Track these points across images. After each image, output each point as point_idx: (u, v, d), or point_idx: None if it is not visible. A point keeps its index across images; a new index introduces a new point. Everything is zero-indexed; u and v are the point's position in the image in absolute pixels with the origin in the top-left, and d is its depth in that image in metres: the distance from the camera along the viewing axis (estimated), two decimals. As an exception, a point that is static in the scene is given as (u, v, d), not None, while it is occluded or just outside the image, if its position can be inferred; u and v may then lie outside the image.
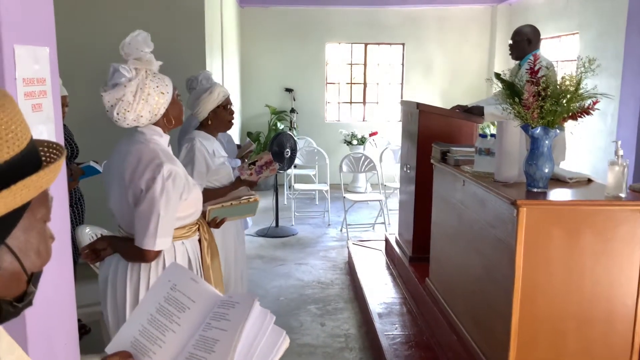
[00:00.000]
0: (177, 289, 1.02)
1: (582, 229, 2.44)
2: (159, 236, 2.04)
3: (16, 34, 1.55)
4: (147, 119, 2.08)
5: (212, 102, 3.15)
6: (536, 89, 2.42)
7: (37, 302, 1.65)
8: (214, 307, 1.00)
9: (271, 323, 0.98)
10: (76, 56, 4.92)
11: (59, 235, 1.87)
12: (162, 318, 0.99)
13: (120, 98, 1.99)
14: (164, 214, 2.03)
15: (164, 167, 2.03)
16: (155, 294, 1.03)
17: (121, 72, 1.99)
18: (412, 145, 4.40)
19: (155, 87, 2.05)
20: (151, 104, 2.05)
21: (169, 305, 1.01)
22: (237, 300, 0.99)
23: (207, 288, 1.04)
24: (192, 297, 1.01)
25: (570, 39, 7.12)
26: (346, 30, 9.19)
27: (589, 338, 2.52)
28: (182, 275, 1.05)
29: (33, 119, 1.62)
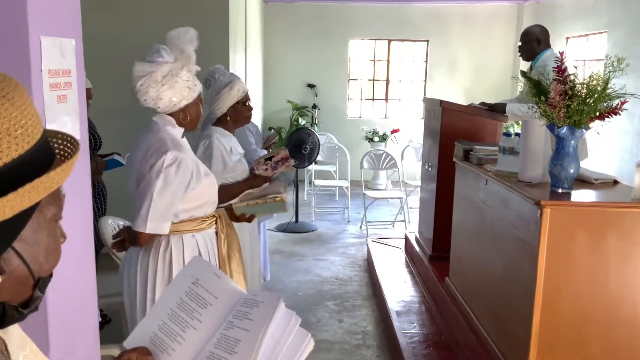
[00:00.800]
0: (199, 284, 0.99)
1: (607, 231, 2.40)
2: (150, 220, 2.06)
3: (43, 26, 1.56)
4: (165, 104, 2.14)
5: (232, 98, 3.12)
6: (563, 88, 2.38)
7: (59, 292, 1.67)
8: (237, 304, 0.96)
9: (297, 325, 0.95)
10: (101, 49, 4.96)
11: (82, 226, 1.89)
12: (182, 314, 0.96)
13: (149, 72, 2.06)
14: (158, 197, 2.06)
15: (168, 153, 2.08)
16: (176, 288, 0.99)
17: (161, 52, 2.09)
18: (434, 143, 4.36)
19: (185, 79, 2.14)
20: (175, 92, 2.12)
21: (191, 301, 0.98)
22: (261, 299, 0.96)
23: (230, 284, 1.00)
24: (215, 293, 0.98)
25: (598, 38, 7.00)
26: (370, 26, 9.14)
27: (612, 342, 2.48)
28: (205, 269, 1.01)
29: (58, 110, 1.64)
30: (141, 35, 4.89)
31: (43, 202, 0.75)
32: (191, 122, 2.27)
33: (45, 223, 0.77)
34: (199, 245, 2.27)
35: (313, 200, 7.29)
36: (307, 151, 6.03)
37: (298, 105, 9.16)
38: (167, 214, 2.12)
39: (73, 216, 1.80)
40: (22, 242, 0.74)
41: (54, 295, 1.64)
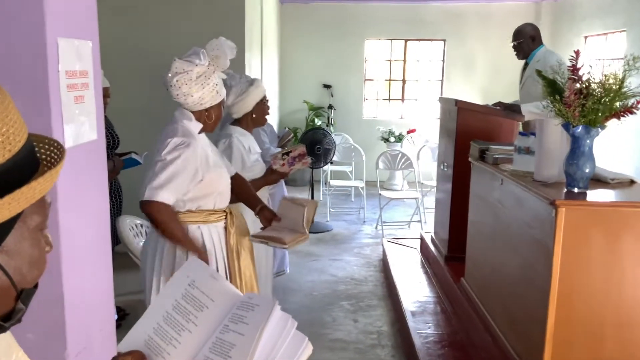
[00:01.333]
0: (195, 286, 0.96)
1: (623, 232, 2.37)
2: (148, 187, 2.17)
3: (60, 27, 1.59)
4: (193, 101, 2.28)
5: (259, 94, 3.22)
6: (578, 87, 2.36)
7: (76, 288, 1.70)
8: (233, 307, 0.94)
9: (293, 329, 0.93)
10: (119, 49, 5.02)
11: (99, 224, 1.92)
12: (178, 316, 0.94)
13: (186, 70, 2.21)
14: (161, 168, 2.18)
15: (175, 137, 2.23)
16: (172, 290, 0.97)
17: (200, 54, 2.25)
18: (450, 143, 4.35)
19: (215, 83, 2.30)
20: (204, 92, 2.26)
21: (187, 303, 0.95)
22: (257, 302, 0.94)
23: (227, 287, 0.98)
24: (211, 296, 0.95)
25: (617, 37, 6.92)
26: (386, 26, 9.13)
27: (628, 343, 2.45)
28: (202, 271, 0.99)
29: (75, 111, 1.67)
30: (158, 36, 4.95)
31: (26, 211, 0.72)
32: (211, 124, 2.40)
33: (29, 233, 0.74)
34: (203, 237, 2.34)
35: (329, 201, 7.30)
36: (320, 151, 6.03)
37: (314, 105, 9.18)
38: (168, 186, 2.20)
39: (90, 214, 1.83)
40: (4, 253, 0.71)
41: (71, 292, 1.67)
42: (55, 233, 1.60)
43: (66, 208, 1.63)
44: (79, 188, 1.73)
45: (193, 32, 2.36)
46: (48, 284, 1.63)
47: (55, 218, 1.59)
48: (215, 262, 2.38)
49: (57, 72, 1.58)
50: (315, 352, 3.46)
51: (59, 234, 1.60)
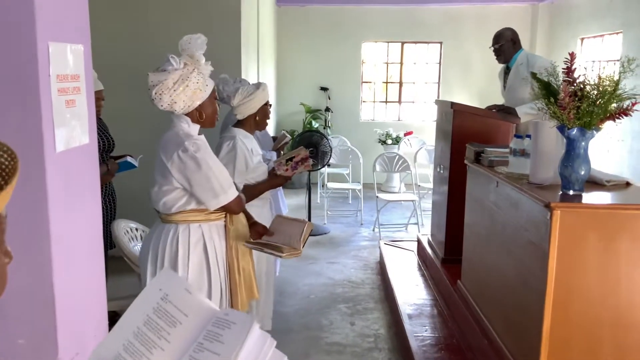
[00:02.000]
0: (168, 300, 0.91)
1: (618, 234, 2.37)
2: (228, 187, 2.32)
3: (51, 32, 1.58)
4: (180, 107, 2.29)
5: (263, 98, 3.29)
6: (572, 89, 2.36)
7: (67, 294, 1.69)
8: (208, 324, 0.89)
9: (271, 349, 0.88)
10: (115, 53, 5.02)
11: (91, 228, 1.91)
12: (149, 332, 0.88)
13: (161, 81, 2.22)
14: (215, 170, 2.29)
15: (185, 143, 2.26)
16: (143, 304, 0.91)
17: (170, 60, 2.24)
18: (446, 145, 4.35)
19: (195, 82, 2.28)
20: (187, 95, 2.27)
21: (159, 319, 0.89)
22: (233, 320, 0.88)
23: (202, 301, 0.93)
24: (185, 311, 0.90)
25: (613, 39, 6.92)
26: (383, 28, 9.13)
27: (624, 345, 2.44)
28: (175, 284, 0.93)
29: (66, 115, 1.66)
30: (154, 40, 4.95)
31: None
32: (207, 119, 2.41)
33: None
34: (204, 235, 2.39)
35: (326, 203, 7.29)
36: (314, 154, 6.01)
37: (311, 108, 9.18)
38: (230, 181, 2.37)
39: (82, 219, 1.82)
40: None
41: (62, 297, 1.66)
42: (45, 238, 1.59)
43: (57, 213, 1.62)
44: (71, 192, 1.72)
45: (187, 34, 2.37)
46: (39, 289, 1.62)
47: (45, 223, 1.58)
48: (216, 260, 2.41)
49: (48, 76, 1.57)
50: (312, 356, 3.46)
51: (50, 239, 1.59)
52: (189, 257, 2.34)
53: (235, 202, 2.37)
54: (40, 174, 1.57)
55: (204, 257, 2.39)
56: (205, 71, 2.35)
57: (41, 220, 1.58)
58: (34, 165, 1.56)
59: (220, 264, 2.43)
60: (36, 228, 1.58)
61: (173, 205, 2.34)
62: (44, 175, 1.57)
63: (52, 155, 1.59)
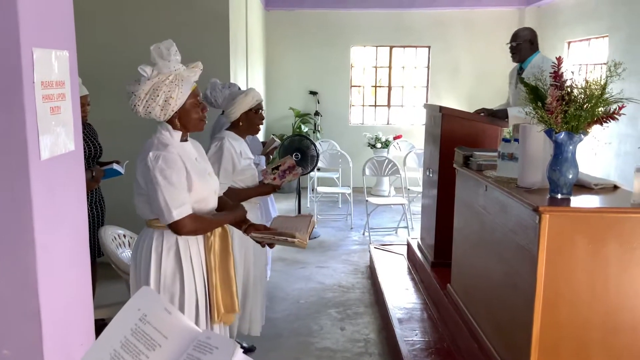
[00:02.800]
0: (147, 321, 0.87)
1: (606, 237, 2.38)
2: (173, 207, 2.20)
3: (35, 37, 1.56)
4: (157, 115, 2.27)
5: (246, 104, 3.30)
6: (560, 93, 2.37)
7: (53, 303, 1.67)
8: (189, 347, 0.85)
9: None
10: (103, 59, 4.99)
11: (77, 235, 1.89)
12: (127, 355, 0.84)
13: (133, 92, 2.22)
14: (167, 188, 2.20)
15: (150, 153, 2.23)
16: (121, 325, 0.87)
17: (140, 71, 2.22)
18: (435, 149, 4.36)
19: (166, 91, 2.23)
20: (160, 104, 2.23)
21: (137, 340, 0.85)
22: (215, 344, 0.85)
23: (182, 322, 0.89)
24: (164, 332, 0.86)
25: (599, 42, 6.98)
26: (371, 33, 9.15)
27: (614, 348, 2.45)
28: (154, 304, 0.89)
29: (51, 122, 1.64)
30: (142, 45, 4.90)
31: None
32: (192, 124, 2.35)
33: None
34: (178, 242, 2.33)
35: (316, 207, 7.29)
36: (299, 158, 5.99)
37: (300, 112, 9.18)
38: (184, 197, 2.24)
39: (68, 228, 1.80)
40: None
41: (48, 307, 1.64)
42: (30, 247, 1.56)
43: (42, 222, 1.59)
44: (56, 201, 1.70)
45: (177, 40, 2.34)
46: (24, 299, 1.59)
47: (30, 232, 1.55)
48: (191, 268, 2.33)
49: (32, 83, 1.55)
50: (302, 361, 3.37)
51: (35, 249, 1.56)
52: (161, 263, 2.30)
53: (181, 224, 2.22)
54: (25, 182, 1.55)
55: (177, 264, 2.32)
56: (186, 74, 2.28)
57: (26, 229, 1.55)
58: (18, 173, 1.54)
59: (196, 273, 2.34)
60: (21, 236, 1.56)
61: (146, 211, 2.33)
62: (28, 183, 1.54)
63: (36, 162, 1.57)
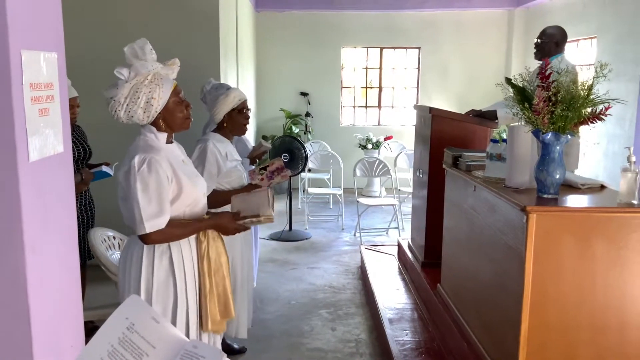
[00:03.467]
0: (134, 330, 0.87)
1: (593, 236, 2.40)
2: (145, 219, 2.13)
3: (23, 39, 1.57)
4: (140, 118, 2.20)
5: (228, 105, 3.26)
6: (547, 94, 2.40)
7: (43, 304, 1.67)
8: (177, 356, 0.86)
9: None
10: (93, 61, 4.97)
11: (67, 237, 1.89)
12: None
13: (112, 97, 2.15)
14: (144, 198, 2.13)
15: (136, 157, 2.15)
16: (108, 334, 0.86)
17: (117, 75, 2.15)
18: (425, 149, 4.38)
19: (147, 92, 2.17)
20: (141, 106, 2.17)
21: (124, 350, 0.85)
22: (202, 354, 0.86)
23: (170, 331, 0.89)
24: (152, 342, 0.86)
25: (588, 43, 7.04)
26: (362, 34, 9.18)
27: (601, 347, 2.48)
28: (142, 312, 0.89)
29: (40, 124, 1.64)
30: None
31: None
32: (177, 124, 2.30)
33: None
34: (170, 247, 2.29)
35: (307, 209, 7.30)
36: (287, 159, 5.99)
37: (291, 113, 9.18)
38: (160, 210, 2.17)
39: (57, 229, 1.80)
40: None
41: (37, 309, 1.64)
42: (19, 249, 1.56)
43: (31, 223, 1.59)
44: (45, 202, 1.70)
45: (166, 41, 2.33)
46: (13, 301, 1.59)
47: (19, 234, 1.55)
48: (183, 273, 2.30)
49: (20, 85, 1.55)
50: (293, 362, 3.38)
51: (24, 251, 1.56)
52: (153, 271, 2.24)
53: (154, 237, 2.18)
54: (14, 184, 1.55)
55: (170, 272, 2.28)
56: (165, 72, 2.23)
57: (14, 231, 1.55)
58: (7, 175, 1.54)
59: (188, 278, 2.30)
60: (9, 238, 1.56)
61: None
62: (17, 185, 1.55)
63: (25, 164, 1.57)
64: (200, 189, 2.39)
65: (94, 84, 4.62)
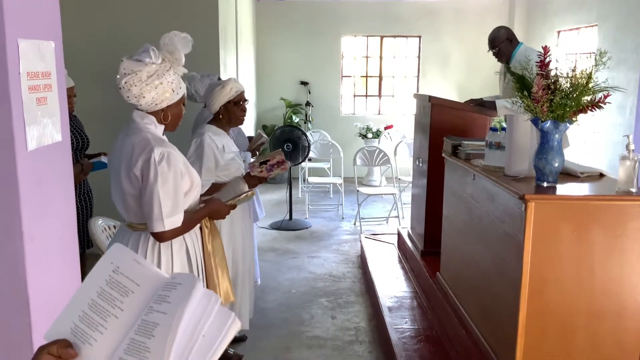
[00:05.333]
0: (120, 272, 0.95)
1: (591, 224, 2.41)
2: (165, 217, 2.12)
3: (20, 28, 1.56)
4: (147, 102, 2.15)
5: (224, 96, 3.20)
6: (546, 82, 2.39)
7: (42, 292, 1.68)
8: (159, 289, 0.94)
9: (217, 304, 0.92)
10: (90, 49, 4.97)
11: (65, 227, 1.90)
12: (103, 303, 0.93)
13: (135, 71, 2.08)
14: (163, 195, 2.10)
15: (155, 151, 2.10)
16: (96, 278, 0.95)
17: (150, 52, 2.10)
18: (425, 138, 4.38)
19: (170, 81, 2.15)
20: (158, 92, 2.13)
21: (112, 289, 0.94)
22: (179, 281, 0.94)
23: (152, 270, 0.98)
24: (136, 280, 0.95)
25: (588, 32, 7.01)
26: (362, 23, 9.14)
27: (598, 334, 2.49)
28: (126, 257, 0.98)
29: (37, 112, 1.64)
30: (130, 35, 4.89)
31: None
32: (171, 123, 2.29)
33: None
34: (185, 239, 2.31)
35: (307, 198, 7.30)
36: (289, 149, 6.00)
37: (291, 102, 9.17)
38: (177, 206, 2.17)
39: (55, 218, 1.81)
40: None
41: (37, 297, 1.65)
42: (18, 237, 1.57)
43: (30, 212, 1.60)
44: (43, 191, 1.70)
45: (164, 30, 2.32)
46: (13, 289, 1.60)
47: (18, 223, 1.56)
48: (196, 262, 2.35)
49: (18, 74, 1.55)
50: (292, 350, 3.48)
51: (23, 238, 1.57)
52: (172, 263, 2.26)
53: (168, 234, 2.18)
54: (12, 173, 1.55)
55: (187, 261, 2.32)
56: (180, 72, 2.25)
57: (13, 219, 1.56)
58: (5, 163, 1.55)
59: (199, 267, 2.37)
60: (8, 227, 1.56)
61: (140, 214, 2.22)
62: (15, 174, 1.55)
63: (23, 153, 1.58)
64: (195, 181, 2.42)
65: (90, 74, 4.63)
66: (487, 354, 2.81)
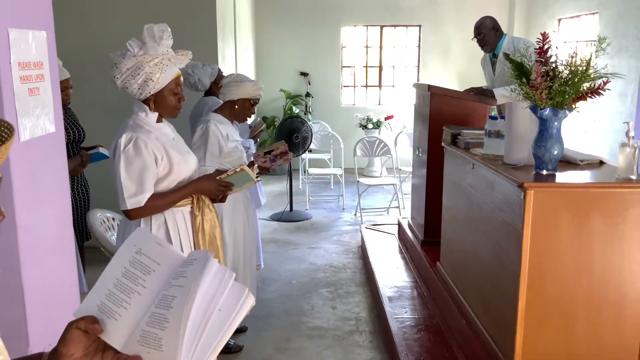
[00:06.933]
0: (142, 253, 1.02)
1: (591, 212, 2.39)
2: (126, 197, 2.23)
3: (10, 18, 1.55)
4: (133, 92, 2.27)
5: (248, 92, 3.28)
6: (544, 69, 2.37)
7: (37, 285, 1.67)
8: (178, 267, 1.01)
9: (231, 279, 0.98)
10: (86, 41, 4.94)
11: (61, 219, 1.89)
12: (127, 281, 1.00)
13: (116, 64, 2.21)
14: (126, 176, 2.22)
15: (123, 136, 2.23)
16: (121, 259, 1.03)
17: (127, 46, 2.20)
18: (424, 128, 4.36)
19: (149, 72, 2.22)
20: (138, 82, 2.22)
21: (135, 269, 1.01)
22: (194, 257, 1.01)
23: (172, 251, 1.05)
24: (157, 260, 1.02)
25: (589, 19, 6.96)
26: (362, 12, 9.08)
27: (598, 323, 2.48)
28: (148, 239, 1.06)
29: (30, 103, 1.63)
30: (127, 27, 4.85)
31: None
32: (167, 110, 2.37)
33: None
34: (166, 222, 2.37)
35: (308, 189, 7.29)
36: (298, 140, 6.01)
37: (291, 93, 9.13)
38: (140, 189, 2.25)
39: (50, 209, 1.80)
40: None
41: (32, 288, 1.64)
42: (12, 229, 1.56)
43: (23, 203, 1.59)
44: (37, 183, 1.69)
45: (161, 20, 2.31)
46: (6, 281, 1.59)
47: (11, 214, 1.55)
48: (180, 246, 2.37)
49: (9, 64, 1.53)
50: (293, 341, 3.48)
51: (17, 231, 1.56)
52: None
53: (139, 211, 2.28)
54: (5, 164, 1.54)
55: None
56: (173, 61, 2.29)
57: (6, 210, 1.55)
58: (-2, 155, 1.53)
59: (185, 250, 2.38)
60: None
61: None
62: (8, 165, 1.54)
63: (16, 144, 1.56)
64: (191, 167, 2.47)
65: (87, 66, 4.61)
66: (487, 343, 2.81)
